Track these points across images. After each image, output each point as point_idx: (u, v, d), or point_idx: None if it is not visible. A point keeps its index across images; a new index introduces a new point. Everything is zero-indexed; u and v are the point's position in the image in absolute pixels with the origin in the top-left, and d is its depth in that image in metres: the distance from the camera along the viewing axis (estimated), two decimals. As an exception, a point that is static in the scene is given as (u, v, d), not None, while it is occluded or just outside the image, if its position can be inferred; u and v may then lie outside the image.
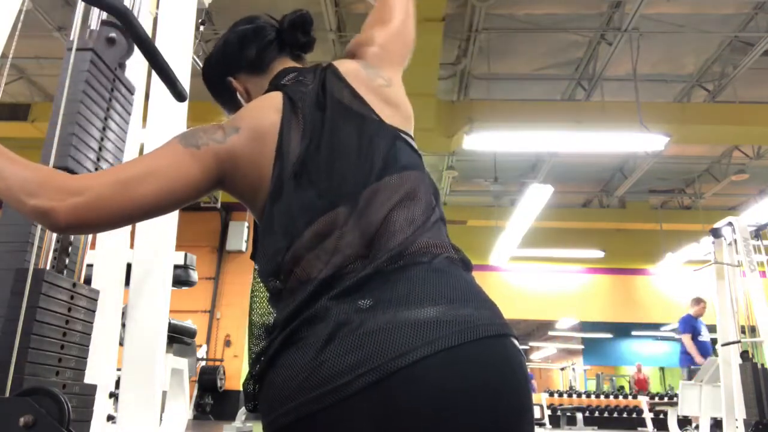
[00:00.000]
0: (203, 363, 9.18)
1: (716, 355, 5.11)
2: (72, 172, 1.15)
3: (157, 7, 2.13)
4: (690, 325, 6.90)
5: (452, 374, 0.69)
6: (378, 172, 0.86)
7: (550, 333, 17.84)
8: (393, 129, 0.93)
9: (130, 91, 1.38)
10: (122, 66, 1.35)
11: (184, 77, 2.01)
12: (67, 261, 1.17)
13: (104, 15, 1.32)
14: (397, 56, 1.13)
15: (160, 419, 2.13)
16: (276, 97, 0.94)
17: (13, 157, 0.79)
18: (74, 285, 1.13)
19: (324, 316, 0.74)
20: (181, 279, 3.66)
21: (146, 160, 0.84)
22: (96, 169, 1.23)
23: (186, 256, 3.77)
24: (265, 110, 0.91)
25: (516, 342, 0.77)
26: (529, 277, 12.24)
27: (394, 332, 0.70)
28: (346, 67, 1.01)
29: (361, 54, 1.09)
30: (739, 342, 4.72)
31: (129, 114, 1.38)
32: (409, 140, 0.96)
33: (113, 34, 1.29)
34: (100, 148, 1.25)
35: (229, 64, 1.10)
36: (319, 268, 0.79)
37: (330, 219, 0.82)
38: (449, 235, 0.91)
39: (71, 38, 1.24)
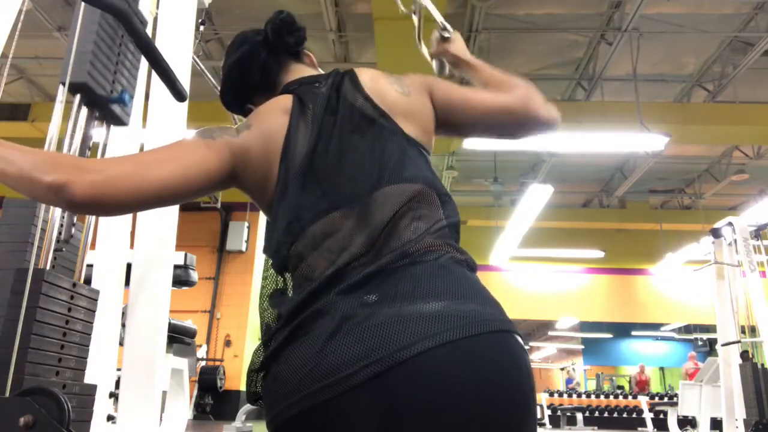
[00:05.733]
0: (203, 363, 9.17)
1: (716, 355, 5.11)
2: (90, 88, 1.15)
3: (157, 7, 2.13)
4: None
5: (455, 366, 0.69)
6: (386, 178, 0.86)
7: (550, 333, 17.85)
8: (407, 137, 0.93)
9: (143, 23, 1.37)
10: None
11: (184, 77, 2.01)
12: (67, 261, 1.17)
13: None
14: (432, 92, 1.02)
15: (160, 419, 2.13)
16: (286, 99, 0.95)
17: (22, 147, 0.79)
18: (74, 285, 1.13)
19: (329, 310, 0.75)
20: (181, 279, 3.66)
21: (163, 148, 0.85)
22: (111, 92, 1.25)
23: (186, 256, 3.77)
24: (275, 111, 0.93)
25: (519, 339, 0.78)
26: (529, 277, 12.24)
27: (398, 325, 0.71)
28: (365, 74, 1.00)
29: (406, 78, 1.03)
30: (739, 342, 4.72)
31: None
32: (423, 151, 0.95)
33: None
34: (115, 72, 1.25)
35: (241, 95, 1.12)
36: (323, 266, 0.80)
37: (334, 219, 0.83)
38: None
39: None
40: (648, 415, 9.69)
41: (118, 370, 1.85)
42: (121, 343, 1.85)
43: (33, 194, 0.78)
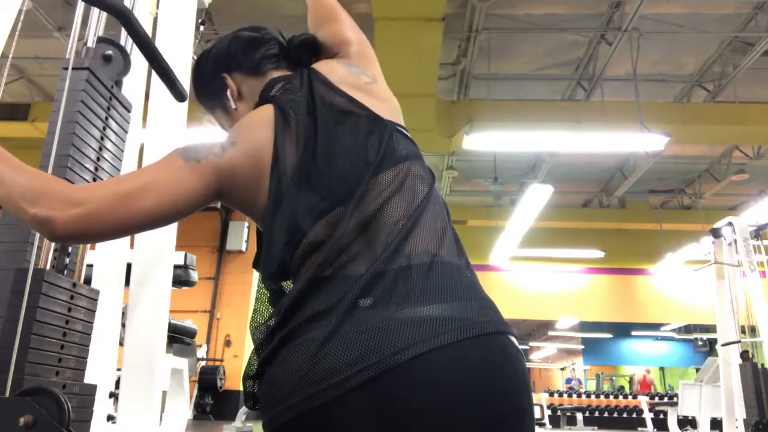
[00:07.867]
0: (203, 363, 9.18)
1: (716, 355, 5.11)
2: None
3: (157, 7, 2.13)
4: None
5: (451, 369, 0.69)
6: (375, 167, 0.87)
7: (550, 333, 17.85)
8: (387, 122, 0.94)
9: (127, 108, 1.38)
10: (119, 84, 1.35)
11: (184, 77, 2.00)
12: (67, 261, 1.17)
13: (101, 28, 1.33)
14: (370, 53, 1.15)
15: (160, 419, 2.13)
16: (267, 111, 0.94)
17: (14, 162, 0.79)
18: (74, 285, 1.14)
19: (324, 314, 0.75)
20: (181, 279, 3.66)
21: (147, 173, 0.83)
22: None
23: (186, 256, 3.76)
24: (258, 125, 0.92)
25: (515, 340, 0.78)
26: (529, 277, 12.23)
27: (393, 329, 0.71)
28: (329, 68, 1.02)
29: (344, 53, 1.11)
30: (739, 342, 4.72)
31: (126, 132, 1.38)
32: (404, 131, 0.97)
33: (109, 52, 1.29)
34: (96, 169, 1.25)
35: (228, 61, 1.10)
36: (320, 268, 0.80)
37: (331, 220, 0.83)
38: None
39: (67, 56, 1.23)
40: (648, 415, 9.69)
41: (118, 370, 1.85)
42: (121, 343, 1.85)
43: (19, 219, 0.79)
